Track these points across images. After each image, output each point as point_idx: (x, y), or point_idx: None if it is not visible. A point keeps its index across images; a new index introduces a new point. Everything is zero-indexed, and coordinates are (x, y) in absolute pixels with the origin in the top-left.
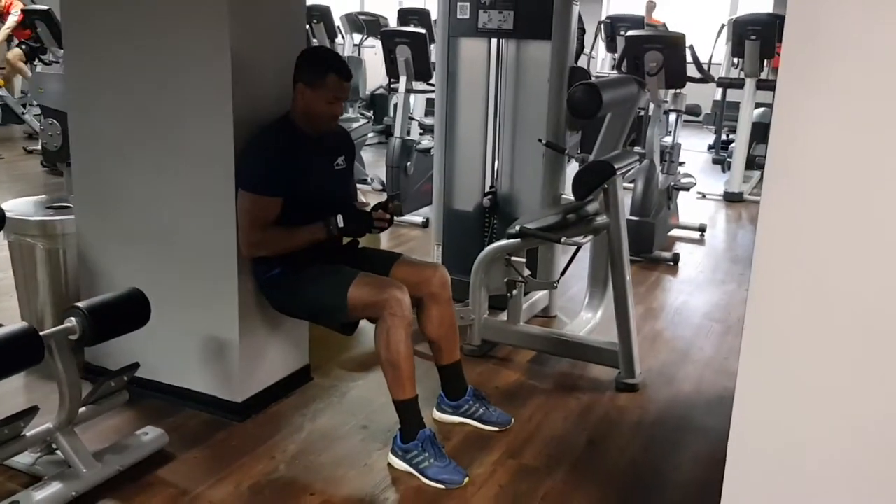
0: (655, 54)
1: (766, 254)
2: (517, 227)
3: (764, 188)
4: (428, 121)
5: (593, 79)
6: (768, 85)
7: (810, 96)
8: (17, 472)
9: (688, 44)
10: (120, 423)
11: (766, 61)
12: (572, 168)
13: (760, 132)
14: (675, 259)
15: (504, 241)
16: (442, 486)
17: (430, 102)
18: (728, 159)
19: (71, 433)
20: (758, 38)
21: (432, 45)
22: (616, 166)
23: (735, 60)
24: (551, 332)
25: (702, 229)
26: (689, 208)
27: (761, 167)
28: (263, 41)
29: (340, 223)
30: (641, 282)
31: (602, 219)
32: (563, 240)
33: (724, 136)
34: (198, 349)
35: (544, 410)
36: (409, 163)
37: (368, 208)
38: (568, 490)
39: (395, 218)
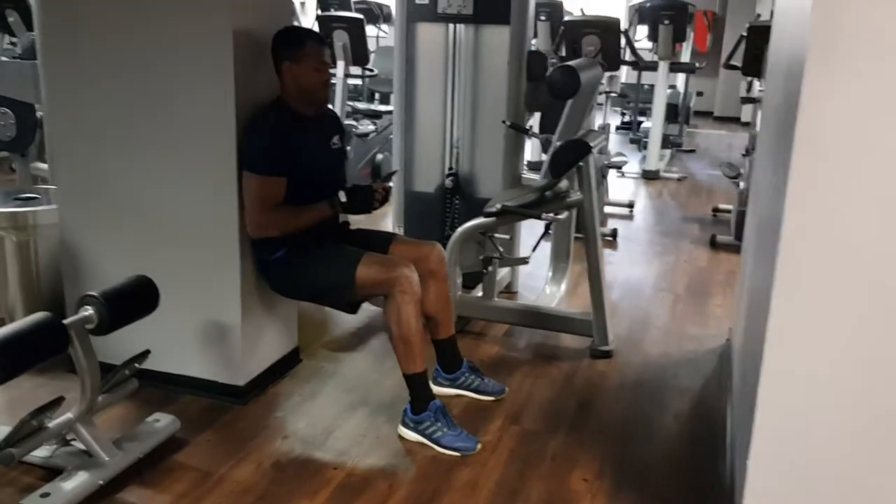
0: (593, 38)
1: (795, 218)
2: (498, 206)
3: (793, 160)
4: (360, 105)
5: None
6: (680, 67)
7: (836, 74)
8: (32, 467)
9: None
10: (121, 413)
11: (677, 44)
12: (529, 148)
13: (671, 113)
14: (614, 234)
15: (479, 220)
16: (457, 454)
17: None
18: (644, 139)
19: (90, 423)
20: (671, 23)
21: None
22: (591, 144)
23: (651, 45)
24: (527, 306)
25: (630, 205)
26: (611, 186)
27: (675, 146)
28: (260, 20)
29: (343, 199)
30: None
31: (576, 195)
32: (543, 215)
33: (627, 118)
34: (197, 334)
35: (531, 379)
36: (348, 147)
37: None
38: (572, 449)
39: None
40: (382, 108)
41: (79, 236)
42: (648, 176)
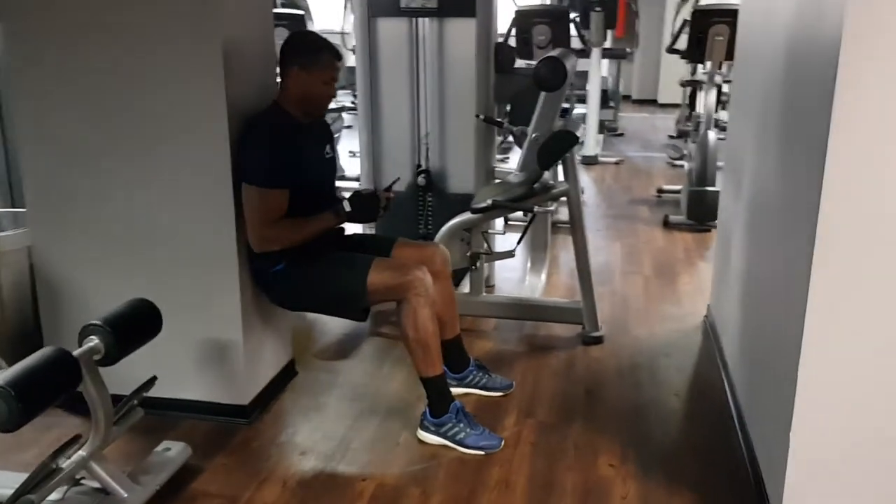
0: (544, 28)
1: (834, 201)
2: (489, 201)
3: (830, 137)
4: None
5: None
6: (612, 53)
7: (873, 55)
8: None
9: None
10: (122, 444)
11: (608, 31)
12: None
13: (601, 98)
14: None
15: (464, 217)
16: (482, 453)
17: None
18: (582, 125)
19: (103, 458)
20: (602, 9)
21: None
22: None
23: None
24: (516, 299)
25: (581, 192)
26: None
27: (610, 130)
28: (248, 28)
29: (348, 208)
30: (553, 245)
31: (562, 186)
32: (535, 208)
33: None
34: (196, 355)
35: (533, 371)
36: None
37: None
38: (591, 437)
39: None
40: None
41: (56, 261)
42: (588, 161)
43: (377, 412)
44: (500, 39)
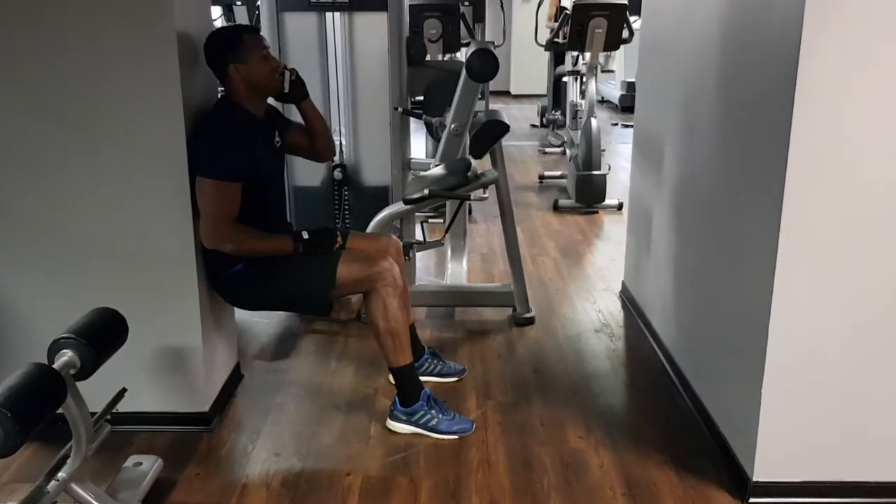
0: (434, 21)
1: (798, 174)
2: (426, 191)
3: (795, 114)
4: None
5: None
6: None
7: (832, 35)
8: None
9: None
10: None
11: (477, 25)
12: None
13: None
14: (469, 209)
15: (396, 208)
16: (456, 437)
17: None
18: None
19: (81, 479)
20: (470, 4)
21: None
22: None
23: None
24: (448, 286)
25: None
26: None
27: None
28: (193, 19)
29: (305, 236)
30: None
31: (491, 174)
32: (472, 196)
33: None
34: (151, 364)
35: (477, 355)
36: None
37: None
38: (553, 411)
39: None
40: None
41: None
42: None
43: (339, 407)
44: None
